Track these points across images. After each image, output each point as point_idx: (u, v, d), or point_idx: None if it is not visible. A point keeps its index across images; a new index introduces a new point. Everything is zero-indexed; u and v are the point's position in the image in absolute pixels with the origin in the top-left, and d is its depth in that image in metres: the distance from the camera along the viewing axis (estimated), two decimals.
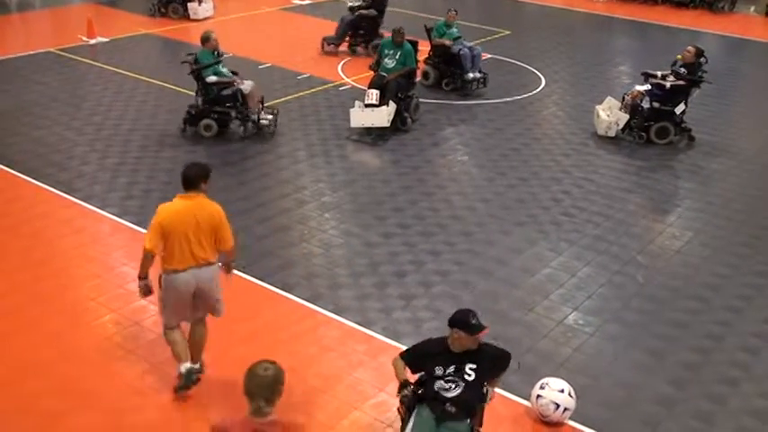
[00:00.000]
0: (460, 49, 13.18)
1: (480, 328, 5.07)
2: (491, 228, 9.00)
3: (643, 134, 11.43)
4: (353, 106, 11.40)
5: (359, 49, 15.46)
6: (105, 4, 18.51)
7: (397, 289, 7.68)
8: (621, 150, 11.31)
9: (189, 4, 17.04)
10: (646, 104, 11.46)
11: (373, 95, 11.26)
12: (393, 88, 11.44)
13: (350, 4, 15.86)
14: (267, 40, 16.08)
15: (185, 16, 17.10)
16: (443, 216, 9.20)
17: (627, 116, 11.52)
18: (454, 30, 13.60)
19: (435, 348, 5.22)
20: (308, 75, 13.92)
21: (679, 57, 11.71)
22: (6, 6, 18.22)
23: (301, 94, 13.01)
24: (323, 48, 15.40)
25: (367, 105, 11.24)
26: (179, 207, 5.94)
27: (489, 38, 16.85)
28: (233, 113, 10.96)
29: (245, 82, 10.96)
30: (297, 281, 7.75)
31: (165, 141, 10.94)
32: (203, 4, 17.23)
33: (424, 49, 13.35)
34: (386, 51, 11.91)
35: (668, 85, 11.35)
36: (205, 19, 17.00)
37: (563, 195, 9.85)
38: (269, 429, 3.90)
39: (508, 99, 13.25)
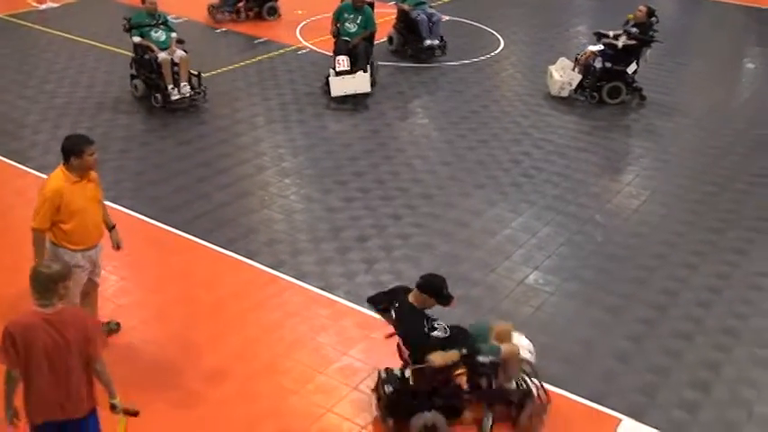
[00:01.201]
0: (418, 15, 12.93)
1: (450, 298, 5.32)
2: (452, 190, 9.04)
3: (595, 94, 11.52)
4: (328, 74, 11.26)
5: (250, 14, 14.80)
6: None
7: (359, 253, 7.70)
8: (578, 110, 11.39)
9: None
10: (598, 64, 11.53)
11: (344, 62, 11.11)
12: (362, 52, 11.31)
13: None
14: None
15: None
16: (404, 179, 9.22)
17: (580, 76, 11.59)
18: None
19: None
20: (265, 39, 13.74)
21: (630, 16, 11.79)
22: None
23: (259, 58, 12.86)
24: (213, 17, 14.58)
25: (339, 73, 11.09)
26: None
27: (444, 0, 16.77)
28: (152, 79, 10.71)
29: (176, 51, 10.62)
30: (259, 247, 7.73)
31: (119, 108, 10.77)
32: None
33: (380, 11, 13.22)
34: (345, 16, 11.67)
35: (620, 44, 11.42)
36: None
37: (522, 156, 9.91)
38: (55, 317, 4.23)
39: (467, 61, 13.22)
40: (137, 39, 10.66)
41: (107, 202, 8.21)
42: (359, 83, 11.12)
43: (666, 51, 14.04)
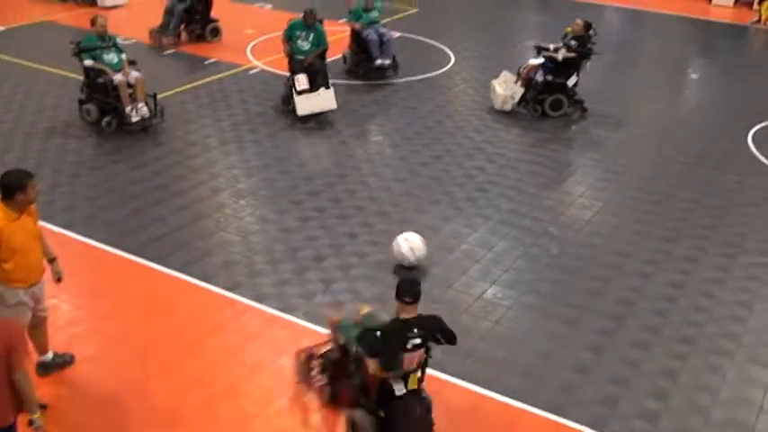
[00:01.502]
0: (368, 35, 12.83)
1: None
2: (407, 207, 9.07)
3: (538, 107, 11.69)
4: (286, 93, 11.25)
5: (192, 36, 14.65)
6: None
7: (316, 273, 7.68)
8: (528, 124, 11.53)
9: None
10: (539, 78, 11.69)
11: (303, 80, 11.07)
12: (320, 69, 11.32)
13: None
14: None
15: (93, 3, 16.48)
16: (360, 198, 9.23)
17: (522, 90, 11.73)
18: (373, 13, 13.16)
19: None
20: (215, 60, 13.68)
21: (569, 30, 12.02)
22: None
23: (210, 79, 12.79)
24: (158, 42, 14.27)
25: (300, 92, 11.02)
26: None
27: (397, 16, 16.88)
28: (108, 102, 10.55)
29: (131, 73, 10.55)
30: (215, 270, 7.66)
31: (69, 133, 10.60)
32: None
33: (331, 29, 13.27)
34: (297, 33, 11.60)
35: (560, 57, 11.60)
36: (115, 7, 16.36)
37: (476, 171, 10.00)
38: None
39: (419, 77, 13.32)
40: (89, 62, 10.49)
41: (59, 229, 8.18)
42: (324, 100, 11.13)
43: (611, 63, 14.35)
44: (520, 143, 10.91)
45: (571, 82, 11.70)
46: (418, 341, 5.06)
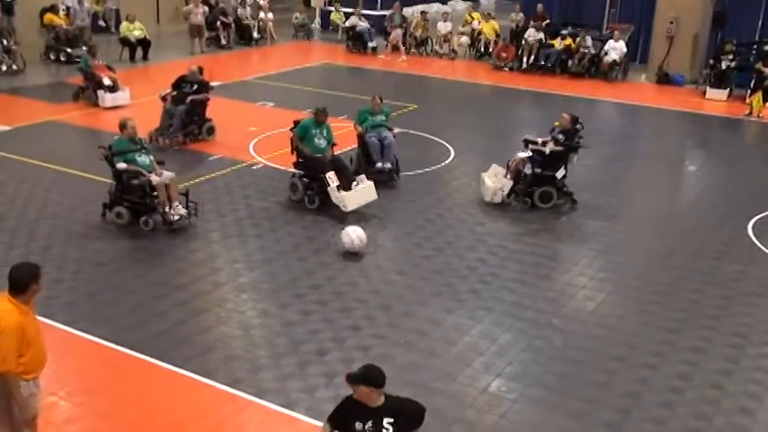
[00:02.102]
0: (370, 138, 12.70)
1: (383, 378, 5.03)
2: (409, 299, 9.04)
3: (527, 199, 11.80)
4: (331, 187, 11.18)
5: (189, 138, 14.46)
6: (7, 92, 18.13)
7: (319, 367, 7.59)
8: (532, 217, 11.60)
9: (98, 92, 16.81)
10: (528, 170, 11.85)
11: (335, 177, 11.23)
12: (346, 163, 11.66)
13: (162, 93, 14.86)
14: None
15: (96, 103, 16.83)
16: (362, 291, 9.21)
17: (511, 182, 11.86)
18: (379, 117, 13.01)
19: (354, 405, 5.12)
20: (219, 156, 13.89)
21: (557, 123, 12.29)
22: None
23: (213, 174, 12.94)
24: (159, 142, 14.09)
25: (338, 188, 11.17)
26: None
27: (398, 112, 17.19)
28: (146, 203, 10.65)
29: (164, 173, 10.68)
30: (216, 365, 7.58)
31: (73, 230, 10.66)
32: (119, 93, 16.92)
33: (335, 124, 13.50)
34: (312, 132, 11.65)
35: (547, 150, 11.80)
36: (116, 107, 16.66)
37: (478, 263, 10.01)
38: None
39: (420, 171, 13.48)
40: (122, 165, 10.57)
41: (61, 326, 8.13)
42: (368, 192, 11.39)
43: (609, 156, 14.59)
44: (521, 235, 10.95)
45: (559, 174, 11.83)
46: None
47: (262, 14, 26.13)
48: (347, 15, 26.36)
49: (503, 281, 9.56)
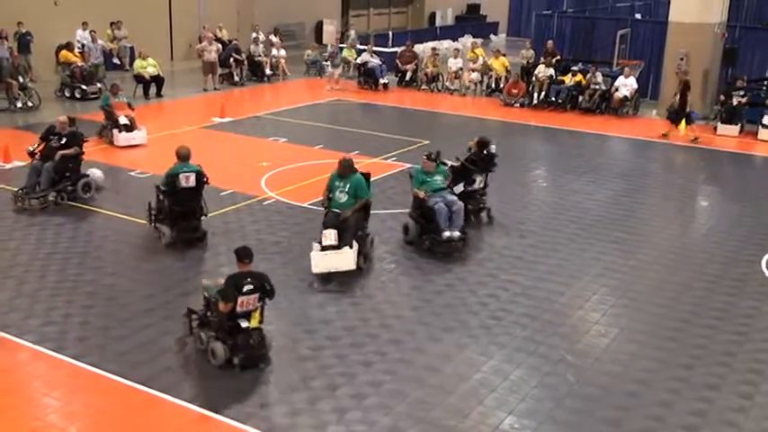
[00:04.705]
0: (436, 203, 11.34)
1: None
2: (421, 335, 8.99)
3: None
4: (312, 249, 10.43)
5: (60, 197, 13.02)
6: (23, 128, 18.33)
7: (329, 403, 7.54)
8: (544, 254, 11.56)
9: (113, 131, 16.92)
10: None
11: (331, 236, 10.25)
12: (352, 226, 10.47)
13: (30, 148, 13.32)
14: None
15: (111, 142, 16.94)
16: (373, 325, 9.17)
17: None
18: (437, 178, 11.77)
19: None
20: (231, 191, 13.94)
21: (471, 143, 13.18)
22: None
23: (225, 210, 12.99)
24: (23, 203, 12.79)
25: (324, 248, 10.27)
26: None
27: (408, 148, 17.26)
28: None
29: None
30: (227, 401, 7.53)
31: (85, 264, 10.69)
32: (136, 132, 16.99)
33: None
34: (336, 184, 10.81)
35: (449, 164, 12.49)
36: (130, 146, 16.74)
37: (489, 299, 9.96)
38: None
39: None
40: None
41: (70, 360, 8.13)
42: (343, 260, 10.26)
43: (621, 191, 14.57)
44: (533, 270, 10.90)
45: (458, 190, 12.14)
46: (251, 287, 8.00)
47: (274, 51, 26.41)
48: (359, 52, 26.61)
49: (515, 316, 9.50)
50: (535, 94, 22.62)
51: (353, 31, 32.17)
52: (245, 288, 7.96)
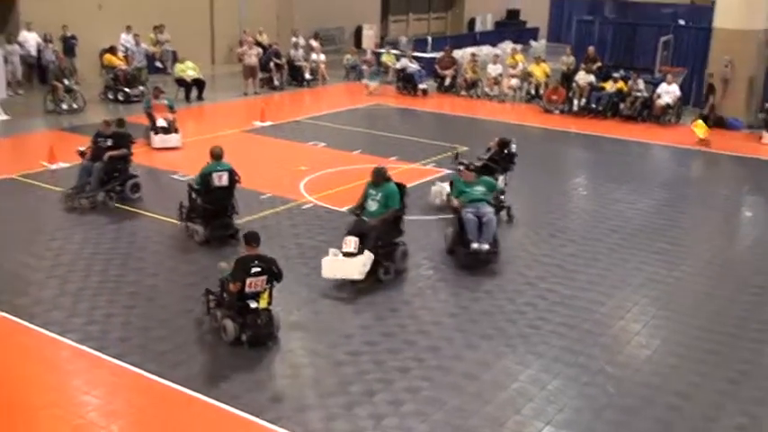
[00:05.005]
0: (465, 214, 11.08)
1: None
2: (458, 342, 8.94)
3: None
4: (328, 254, 10.29)
5: (108, 197, 13.20)
6: (68, 130, 18.65)
7: (366, 408, 7.52)
8: (584, 262, 11.43)
9: (150, 133, 17.11)
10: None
11: (351, 243, 10.15)
12: (373, 236, 10.29)
13: (80, 148, 13.63)
14: (230, 161, 16.24)
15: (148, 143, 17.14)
16: (410, 332, 9.14)
17: (448, 187, 12.63)
18: (478, 188, 11.50)
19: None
20: (270, 195, 14.01)
21: (491, 144, 13.70)
22: None
23: (264, 213, 13.06)
24: (73, 202, 13.08)
25: (345, 254, 10.16)
26: None
27: (447, 154, 17.18)
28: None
29: None
30: (264, 404, 7.57)
31: (127, 264, 10.82)
32: (172, 135, 17.15)
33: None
34: (369, 192, 10.77)
35: (471, 166, 12.69)
36: (167, 149, 16.91)
37: (528, 307, 9.87)
38: None
39: None
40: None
41: (112, 359, 8.23)
42: (348, 268, 10.08)
43: (664, 200, 14.36)
44: (573, 279, 10.79)
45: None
46: (258, 270, 8.54)
47: (314, 56, 26.53)
48: (398, 57, 26.63)
49: (553, 325, 9.40)
50: (575, 101, 22.42)
51: (404, 37, 32.11)
52: (253, 270, 8.54)
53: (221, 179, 11.55)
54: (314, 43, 27.22)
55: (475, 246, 10.92)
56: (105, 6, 24.88)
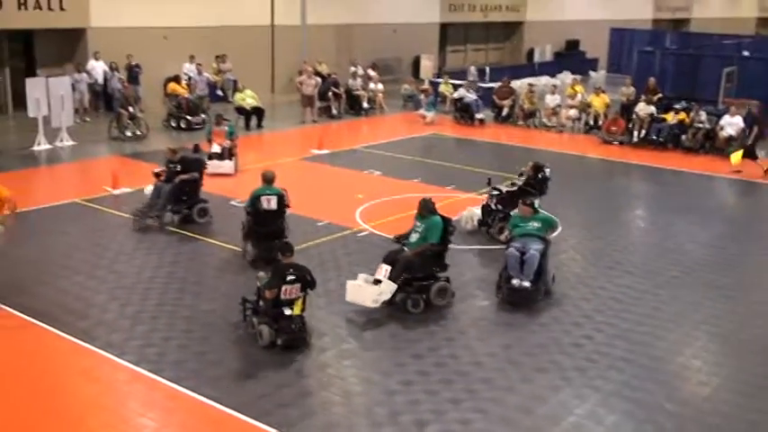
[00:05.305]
0: (509, 248, 10.87)
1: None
2: (512, 374, 8.84)
3: (492, 230, 13.36)
4: (366, 276, 10.43)
5: (175, 217, 13.74)
6: (131, 156, 19.14)
7: None
8: (641, 295, 11.22)
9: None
10: (492, 205, 13.47)
11: (383, 270, 10.19)
12: (399, 267, 10.20)
13: (156, 170, 14.23)
14: (288, 188, 16.42)
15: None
16: (463, 362, 9.07)
17: (479, 212, 13.57)
18: (532, 224, 11.09)
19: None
20: (326, 222, 14.12)
21: (523, 169, 14.06)
22: (36, 159, 18.86)
23: (320, 240, 13.16)
24: (142, 221, 13.54)
25: (375, 281, 10.19)
26: None
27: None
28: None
29: None
30: (316, 431, 7.57)
31: (185, 289, 11.00)
32: (225, 162, 17.32)
33: (441, 195, 13.55)
34: (416, 224, 10.74)
35: (504, 190, 13.62)
36: (218, 175, 17.08)
37: (584, 341, 9.72)
38: None
39: None
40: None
41: (167, 382, 8.34)
42: (366, 295, 10.08)
43: (726, 235, 14.05)
44: (631, 312, 10.59)
45: (514, 213, 12.41)
46: (293, 278, 9.08)
47: (372, 85, 26.81)
48: (455, 87, 26.71)
49: (611, 359, 9.23)
50: (635, 132, 22.16)
51: (473, 67, 32.25)
52: (288, 278, 9.11)
53: (270, 203, 11.84)
54: (372, 73, 27.51)
55: (515, 282, 10.64)
56: (170, 37, 25.57)
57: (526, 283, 10.60)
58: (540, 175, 13.78)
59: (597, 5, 43.59)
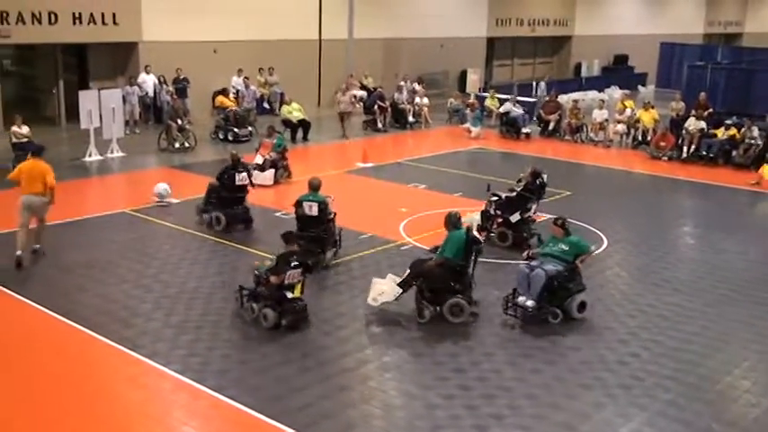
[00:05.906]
0: (522, 265, 10.79)
1: None
2: (557, 390, 8.72)
3: (491, 234, 13.67)
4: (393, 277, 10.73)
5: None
6: (179, 168, 19.43)
7: None
8: (690, 313, 11.01)
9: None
10: (491, 210, 13.67)
11: (404, 275, 10.58)
12: (414, 273, 10.45)
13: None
14: (332, 201, 16.51)
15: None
16: (507, 377, 8.98)
17: (478, 216, 13.75)
18: (559, 246, 10.76)
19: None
20: (369, 234, 14.14)
21: (522, 175, 14.36)
22: (87, 170, 19.25)
23: (363, 253, 13.18)
24: (201, 217, 14.46)
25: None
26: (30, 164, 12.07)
27: (550, 199, 16.98)
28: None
29: None
30: None
31: (229, 298, 11.08)
32: (265, 173, 17.49)
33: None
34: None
35: (503, 196, 13.79)
36: (256, 185, 17.08)
37: (630, 358, 9.56)
38: None
39: None
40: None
41: (210, 391, 8.41)
42: (372, 293, 10.56)
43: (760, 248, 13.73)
44: (678, 330, 10.39)
45: (513, 219, 13.39)
46: (297, 263, 9.96)
47: (417, 99, 26.85)
48: (501, 101, 26.62)
49: (657, 378, 9.06)
50: (685, 148, 21.83)
51: (543, 82, 32.10)
52: (293, 263, 10.01)
53: (311, 209, 12.17)
54: (417, 87, 27.56)
55: (520, 299, 10.45)
56: (219, 51, 25.96)
57: (529, 302, 10.35)
58: (538, 181, 14.21)
59: (647, 20, 43.18)
